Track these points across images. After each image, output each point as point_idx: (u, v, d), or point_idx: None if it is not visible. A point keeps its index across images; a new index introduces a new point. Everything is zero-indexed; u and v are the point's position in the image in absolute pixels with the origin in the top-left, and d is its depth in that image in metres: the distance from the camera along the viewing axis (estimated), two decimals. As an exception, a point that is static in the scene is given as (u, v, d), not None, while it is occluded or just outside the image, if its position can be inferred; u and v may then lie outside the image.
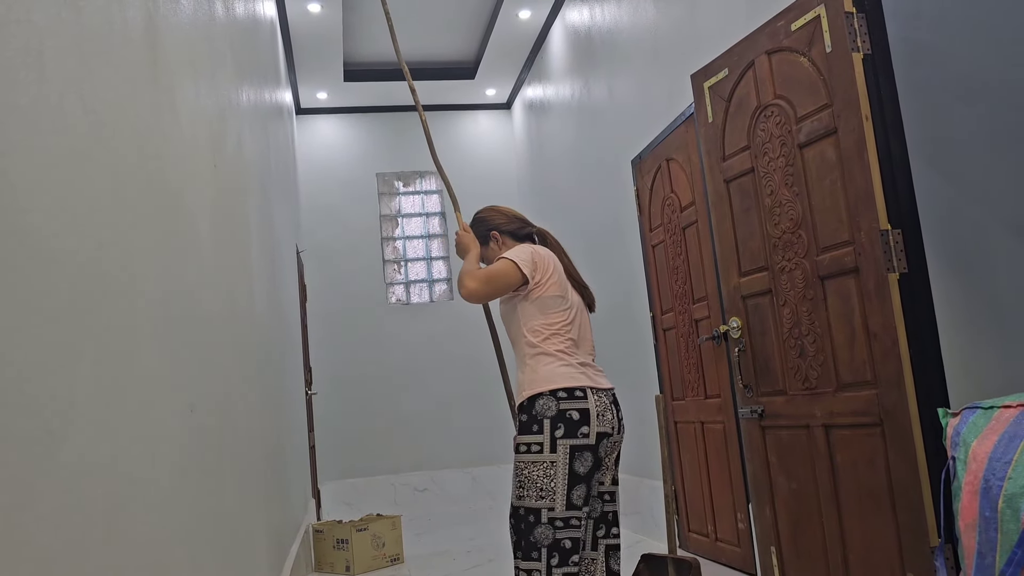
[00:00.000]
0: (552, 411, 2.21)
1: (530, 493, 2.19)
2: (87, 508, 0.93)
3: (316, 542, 4.80)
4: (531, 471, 2.20)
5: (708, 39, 3.75)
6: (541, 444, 2.19)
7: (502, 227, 2.59)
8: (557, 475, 2.17)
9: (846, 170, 2.67)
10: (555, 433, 2.19)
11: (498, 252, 2.55)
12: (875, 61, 2.65)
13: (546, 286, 2.37)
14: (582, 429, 2.20)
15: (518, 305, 2.40)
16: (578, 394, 2.23)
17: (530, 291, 2.37)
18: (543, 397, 2.23)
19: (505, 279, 2.35)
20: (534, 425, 2.22)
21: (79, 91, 1.00)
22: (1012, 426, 1.61)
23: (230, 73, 2.51)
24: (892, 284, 2.54)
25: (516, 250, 2.42)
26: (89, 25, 1.06)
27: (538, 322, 2.35)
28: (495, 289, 2.35)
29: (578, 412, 2.21)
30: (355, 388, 7.16)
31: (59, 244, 0.90)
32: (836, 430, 2.78)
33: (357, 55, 6.81)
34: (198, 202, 1.76)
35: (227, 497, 1.88)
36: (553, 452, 2.18)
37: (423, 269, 7.61)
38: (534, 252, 2.41)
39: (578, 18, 5.66)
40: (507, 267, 2.37)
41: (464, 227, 2.64)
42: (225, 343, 2.00)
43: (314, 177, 7.41)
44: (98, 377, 0.99)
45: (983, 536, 1.58)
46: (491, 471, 7.28)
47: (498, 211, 2.65)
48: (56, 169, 0.91)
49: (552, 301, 2.38)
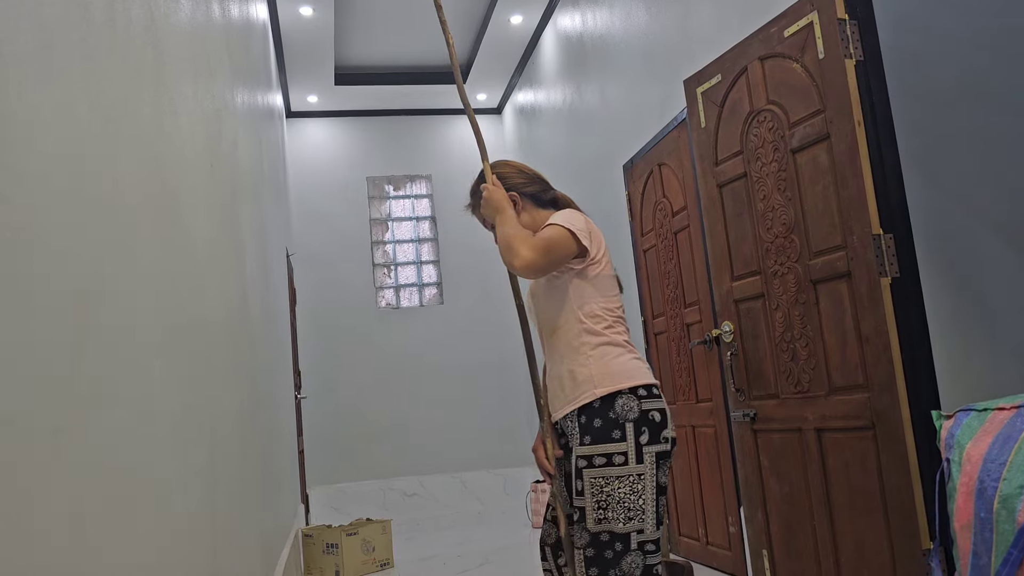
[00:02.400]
0: (635, 412, 1.84)
1: (616, 515, 1.81)
2: (90, 509, 0.92)
3: (305, 547, 4.78)
4: (615, 488, 1.81)
5: (700, 45, 3.78)
6: (625, 454, 1.82)
7: (522, 188, 2.13)
8: (646, 490, 1.82)
9: (839, 175, 2.69)
10: (640, 439, 1.83)
11: (541, 220, 2.10)
12: (867, 67, 2.67)
13: (603, 262, 1.99)
14: (664, 433, 1.87)
15: (569, 283, 1.97)
16: (656, 391, 1.90)
17: (587, 267, 1.97)
18: (623, 396, 1.86)
19: (564, 249, 1.92)
20: (614, 430, 1.83)
21: (85, 88, 1.00)
22: (1007, 428, 1.63)
23: (227, 74, 2.51)
24: (884, 288, 2.56)
25: (566, 215, 1.98)
26: (95, 21, 1.05)
27: (599, 305, 1.95)
28: (553, 261, 1.92)
29: (659, 413, 1.87)
30: (344, 392, 7.14)
31: (64, 242, 0.90)
32: (828, 433, 2.79)
33: (348, 59, 6.81)
34: (195, 203, 1.75)
35: (221, 500, 1.87)
36: (640, 462, 1.82)
37: (413, 273, 7.60)
38: (586, 219, 2.01)
39: (570, 24, 5.68)
40: (564, 235, 1.92)
41: (495, 181, 2.15)
42: (220, 346, 1.99)
43: (304, 180, 7.39)
44: (100, 376, 0.99)
45: (979, 537, 1.60)
46: (480, 476, 7.27)
47: (515, 167, 2.18)
48: (63, 167, 0.91)
49: (610, 281, 2.00)
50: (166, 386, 1.33)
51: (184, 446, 1.45)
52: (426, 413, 7.28)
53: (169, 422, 1.34)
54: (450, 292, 7.54)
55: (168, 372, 1.35)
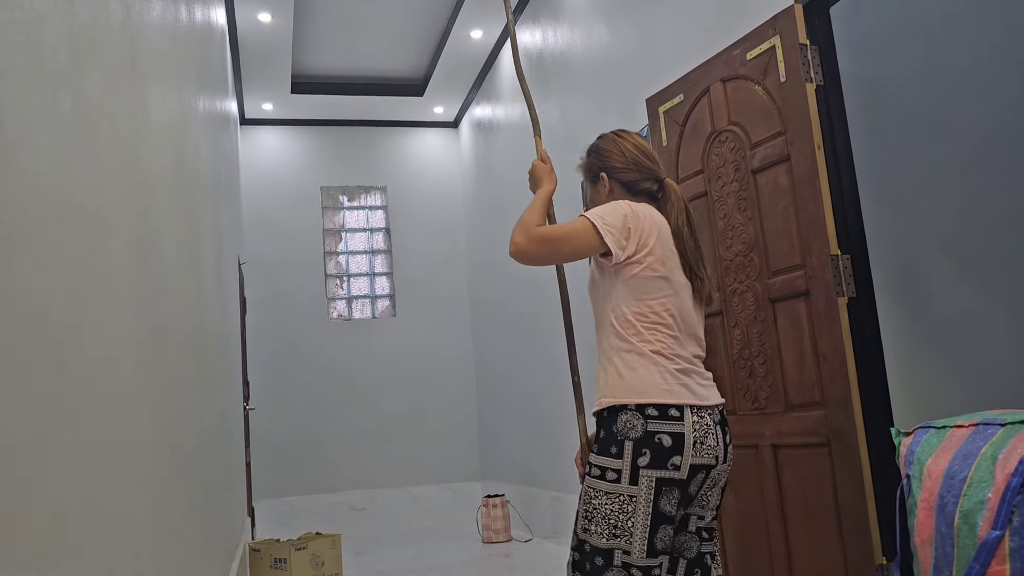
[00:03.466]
0: (637, 432, 1.72)
1: (599, 529, 1.73)
2: (66, 515, 0.88)
3: (252, 561, 4.67)
4: (603, 503, 1.73)
5: (662, 64, 3.84)
6: (619, 472, 1.72)
7: (616, 172, 1.98)
8: (637, 513, 1.70)
9: (798, 196, 2.76)
10: (638, 460, 1.71)
11: (601, 200, 2.00)
12: (827, 92, 2.74)
13: (644, 262, 1.82)
14: (673, 459, 1.72)
15: (607, 281, 1.87)
16: (673, 413, 1.74)
17: (623, 266, 1.83)
18: (627, 412, 1.75)
19: (572, 244, 1.82)
20: (612, 446, 1.74)
21: (70, 84, 0.97)
22: (966, 444, 1.68)
23: (191, 78, 2.46)
24: (841, 307, 2.62)
25: (608, 208, 1.85)
26: (80, 16, 1.02)
27: (631, 308, 1.81)
28: (552, 253, 1.84)
29: (670, 437, 1.72)
30: (292, 404, 7.02)
31: (49, 242, 0.87)
32: (784, 449, 2.84)
33: (306, 67, 6.75)
34: (163, 205, 1.71)
35: (180, 511, 1.82)
36: (633, 484, 1.71)
37: (366, 285, 7.53)
38: (631, 214, 1.84)
39: (530, 40, 5.72)
40: (581, 229, 1.81)
41: (544, 156, 2.08)
42: (183, 353, 1.94)
43: (257, 188, 7.28)
44: (82, 379, 0.95)
45: (939, 551, 1.64)
46: (431, 490, 7.21)
47: (620, 146, 2.00)
48: (47, 165, 0.88)
49: (651, 283, 1.83)
50: (139, 394, 1.29)
51: (151, 455, 1.41)
52: (376, 426, 7.20)
53: (139, 430, 1.30)
54: (403, 305, 7.49)
55: (142, 379, 1.31)
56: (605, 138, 2.05)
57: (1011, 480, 1.50)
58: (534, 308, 5.77)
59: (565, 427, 5.16)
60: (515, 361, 6.29)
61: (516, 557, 5.23)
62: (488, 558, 5.30)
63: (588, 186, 2.08)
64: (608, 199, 1.97)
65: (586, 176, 2.06)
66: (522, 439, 6.18)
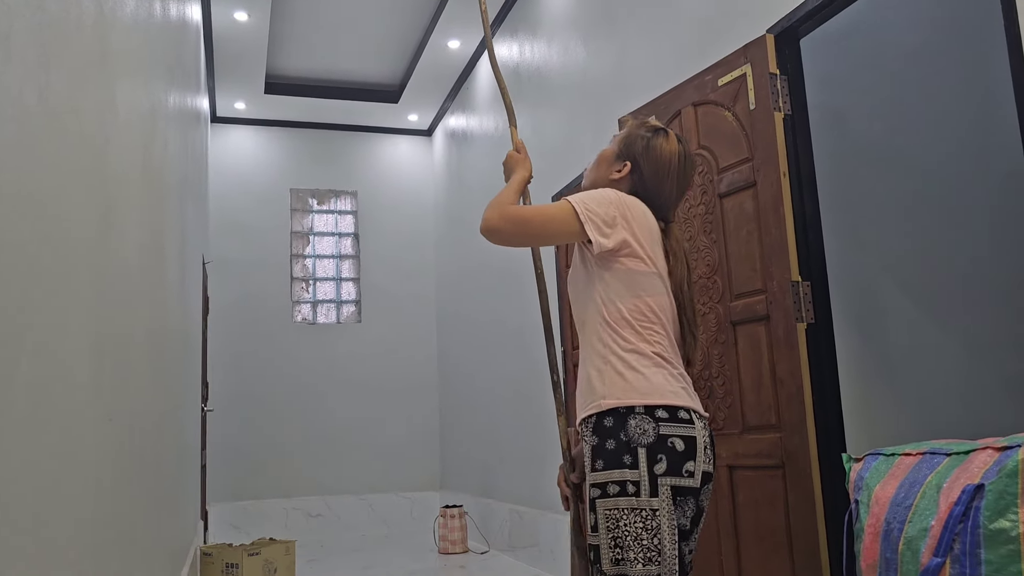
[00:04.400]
0: (650, 436, 1.57)
1: (636, 555, 1.54)
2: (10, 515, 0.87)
3: (204, 566, 4.60)
4: (631, 522, 1.55)
5: (636, 84, 3.88)
6: (637, 484, 1.56)
7: (641, 167, 1.81)
8: (662, 528, 1.55)
9: (763, 222, 2.80)
10: (654, 468, 1.56)
11: (600, 179, 1.86)
12: (794, 121, 2.80)
13: (638, 254, 1.69)
14: (687, 465, 1.58)
15: (594, 275, 1.72)
16: (683, 416, 1.61)
17: (611, 259, 1.69)
18: (635, 416, 1.59)
19: (547, 227, 1.70)
20: (625, 455, 1.57)
21: (37, 80, 0.96)
22: (912, 472, 1.71)
23: (162, 74, 2.44)
24: (800, 333, 2.67)
25: (594, 194, 1.72)
26: (51, 11, 1.02)
27: (626, 305, 1.68)
28: (524, 234, 1.71)
29: (682, 441, 1.59)
30: (252, 407, 6.95)
31: (6, 237, 0.86)
32: (740, 471, 2.88)
33: (280, 68, 6.72)
34: (127, 202, 1.70)
35: (135, 512, 1.80)
36: (654, 495, 1.55)
37: (332, 289, 7.49)
38: (619, 203, 1.71)
39: (507, 53, 5.75)
40: (560, 213, 1.68)
41: (519, 145, 1.98)
42: (141, 349, 1.92)
43: (225, 188, 7.21)
44: (33, 376, 0.94)
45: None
46: (388, 499, 7.17)
47: (673, 163, 1.81)
48: (9, 160, 0.87)
49: (646, 279, 1.70)
50: (93, 391, 1.28)
51: (106, 455, 1.39)
52: (335, 432, 7.14)
53: (94, 429, 1.28)
54: (368, 311, 7.45)
55: (96, 376, 1.29)
56: (669, 137, 1.84)
57: (954, 509, 1.54)
58: (500, 320, 5.78)
59: (527, 440, 5.17)
60: (478, 372, 6.29)
61: (472, 569, 5.21)
62: (443, 569, 5.27)
63: (602, 158, 1.89)
64: (609, 185, 1.81)
65: (616, 145, 1.87)
66: (483, 451, 6.18)
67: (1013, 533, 1.46)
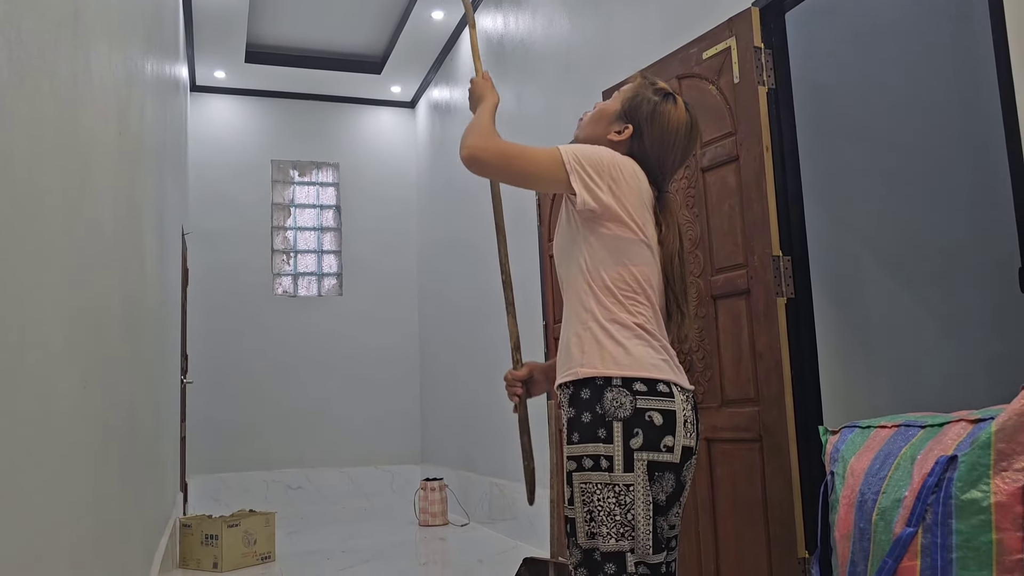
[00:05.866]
0: (626, 410, 1.55)
1: (608, 530, 1.54)
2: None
3: (183, 537, 4.60)
4: (604, 496, 1.55)
5: (621, 57, 3.86)
6: (611, 459, 1.54)
7: (644, 133, 1.72)
8: (636, 504, 1.54)
9: (744, 196, 2.81)
10: (630, 442, 1.54)
11: (596, 135, 1.76)
12: (778, 96, 2.80)
13: (625, 221, 1.63)
14: (666, 440, 1.56)
15: (580, 237, 1.66)
16: (662, 389, 1.58)
17: (596, 222, 1.63)
18: (612, 389, 1.57)
19: (530, 168, 1.63)
20: (599, 429, 1.56)
21: (6, 36, 0.94)
22: (887, 445, 1.74)
23: (140, 39, 2.40)
24: (780, 308, 2.68)
25: (587, 147, 1.65)
26: (21, -33, 0.99)
27: (609, 273, 1.63)
28: (508, 168, 1.63)
29: (660, 415, 1.56)
30: (232, 379, 6.92)
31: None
32: (718, 444, 2.90)
33: (262, 36, 6.61)
34: (102, 169, 1.67)
35: (111, 481, 1.79)
36: (629, 471, 1.54)
37: (313, 262, 7.45)
38: (611, 162, 1.63)
39: (491, 25, 5.70)
40: (547, 158, 1.62)
41: (485, 75, 1.89)
42: (118, 318, 1.90)
43: (204, 158, 7.13)
44: (6, 339, 0.93)
45: (857, 546, 1.69)
46: (368, 472, 7.19)
47: (679, 130, 1.73)
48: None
49: (632, 247, 1.64)
50: (66, 355, 1.26)
51: (81, 421, 1.38)
52: (316, 405, 7.14)
53: (67, 394, 1.27)
54: (350, 284, 7.42)
55: (70, 340, 1.28)
56: (678, 104, 1.75)
57: (927, 480, 1.56)
58: (481, 294, 5.78)
59: (506, 414, 5.19)
60: (459, 346, 6.30)
61: (452, 541, 5.25)
62: (424, 541, 5.31)
63: (602, 113, 1.78)
64: (605, 145, 1.71)
65: (620, 103, 1.75)
66: (463, 424, 6.20)
67: (984, 504, 1.49)
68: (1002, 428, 1.50)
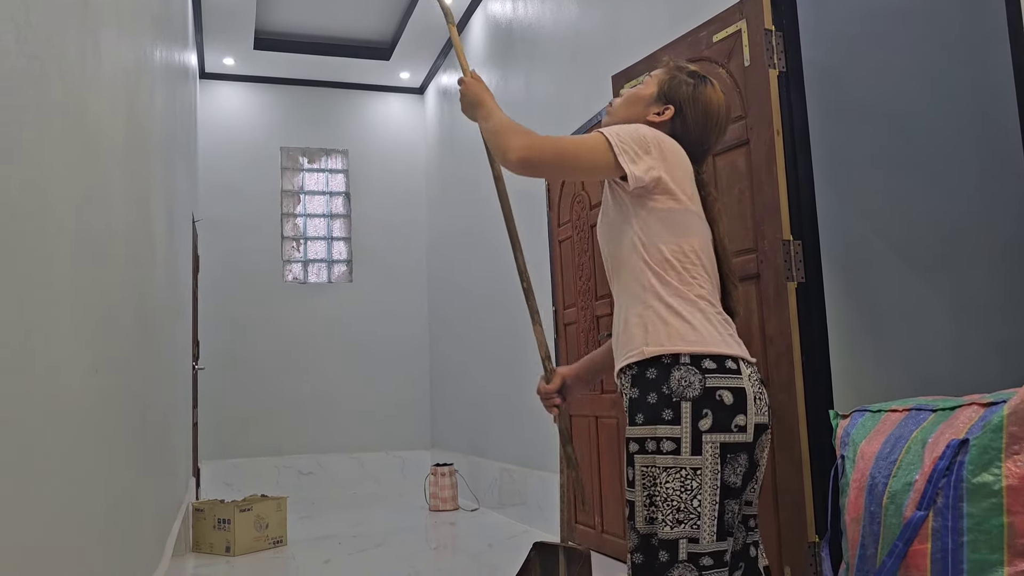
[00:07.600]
0: (695, 390, 1.47)
1: (665, 516, 1.46)
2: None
3: (196, 521, 4.64)
4: (665, 482, 1.47)
5: (629, 42, 3.84)
6: (677, 441, 1.46)
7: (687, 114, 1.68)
8: (704, 489, 1.45)
9: (755, 180, 2.79)
10: (699, 424, 1.46)
11: (637, 120, 1.70)
12: (789, 79, 2.77)
13: (675, 193, 1.57)
14: (737, 419, 1.47)
15: (631, 214, 1.59)
16: (730, 365, 1.50)
17: (647, 196, 1.57)
18: (680, 367, 1.49)
19: (584, 160, 1.56)
20: (666, 410, 1.48)
21: (15, 19, 0.94)
22: (898, 428, 1.73)
23: (148, 26, 2.40)
24: (790, 292, 2.67)
25: (626, 127, 1.60)
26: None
27: (669, 245, 1.56)
28: (561, 165, 1.57)
29: (731, 393, 1.48)
30: (243, 365, 6.96)
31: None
32: (728, 428, 2.90)
33: (271, 23, 6.60)
34: (112, 155, 1.67)
35: (122, 465, 1.80)
36: (697, 454, 1.45)
37: (323, 248, 7.46)
38: (652, 137, 1.58)
39: (500, 10, 5.67)
40: (595, 145, 1.55)
41: (473, 75, 1.82)
42: (129, 305, 1.91)
43: (214, 145, 7.14)
44: (16, 332, 0.94)
45: (867, 529, 1.69)
46: (379, 457, 7.22)
47: (707, 97, 1.69)
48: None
49: (687, 218, 1.59)
50: (78, 340, 1.27)
51: (92, 406, 1.39)
52: (327, 391, 7.17)
53: (79, 379, 1.28)
54: (360, 270, 7.43)
55: (82, 325, 1.29)
56: (716, 87, 1.72)
57: (938, 464, 1.55)
58: (491, 279, 5.78)
59: (517, 399, 5.20)
60: (469, 330, 6.31)
61: (462, 526, 5.28)
62: (434, 526, 5.34)
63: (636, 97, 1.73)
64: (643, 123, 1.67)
65: (656, 86, 1.71)
66: (473, 409, 6.22)
67: (996, 487, 1.48)
68: (1014, 411, 1.49)
